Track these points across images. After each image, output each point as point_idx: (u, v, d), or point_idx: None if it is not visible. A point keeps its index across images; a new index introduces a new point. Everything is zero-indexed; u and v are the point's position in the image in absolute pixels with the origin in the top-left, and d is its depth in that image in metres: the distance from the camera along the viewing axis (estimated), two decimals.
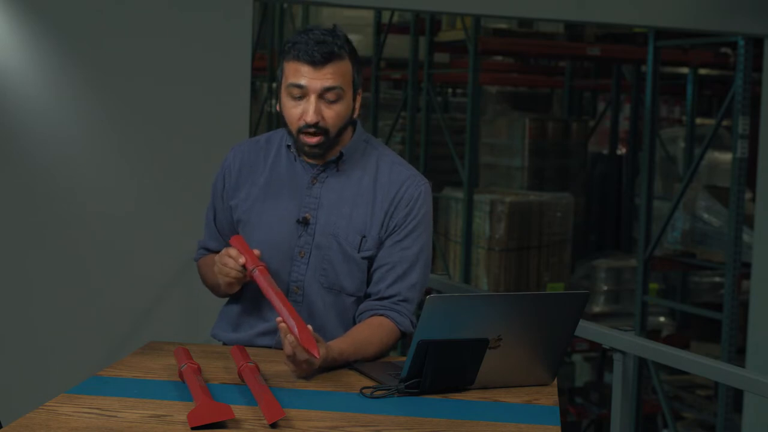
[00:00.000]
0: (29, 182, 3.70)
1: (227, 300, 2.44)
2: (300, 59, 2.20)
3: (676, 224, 6.23)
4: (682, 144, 7.22)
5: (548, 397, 2.00)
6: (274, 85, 7.86)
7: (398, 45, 7.22)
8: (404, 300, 2.28)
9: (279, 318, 2.03)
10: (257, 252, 2.20)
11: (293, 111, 2.24)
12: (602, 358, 7.12)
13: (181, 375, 1.97)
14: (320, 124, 2.22)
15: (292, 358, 2.01)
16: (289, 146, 2.34)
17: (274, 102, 7.92)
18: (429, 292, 2.81)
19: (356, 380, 2.06)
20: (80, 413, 1.78)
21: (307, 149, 2.26)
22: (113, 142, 3.79)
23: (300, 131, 2.24)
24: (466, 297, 1.98)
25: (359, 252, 2.28)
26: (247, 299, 2.35)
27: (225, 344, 2.39)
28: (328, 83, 2.20)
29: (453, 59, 7.70)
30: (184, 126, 3.84)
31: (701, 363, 2.74)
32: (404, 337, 2.32)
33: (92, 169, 3.76)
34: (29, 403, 1.91)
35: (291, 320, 2.02)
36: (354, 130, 2.34)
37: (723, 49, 6.69)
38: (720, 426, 5.18)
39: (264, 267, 2.18)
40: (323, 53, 2.19)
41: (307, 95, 2.21)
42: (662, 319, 7.02)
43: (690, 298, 7.15)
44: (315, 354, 1.98)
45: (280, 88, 2.27)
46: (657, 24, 5.02)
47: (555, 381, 2.09)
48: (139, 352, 2.24)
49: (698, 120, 7.31)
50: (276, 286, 2.14)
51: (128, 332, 3.77)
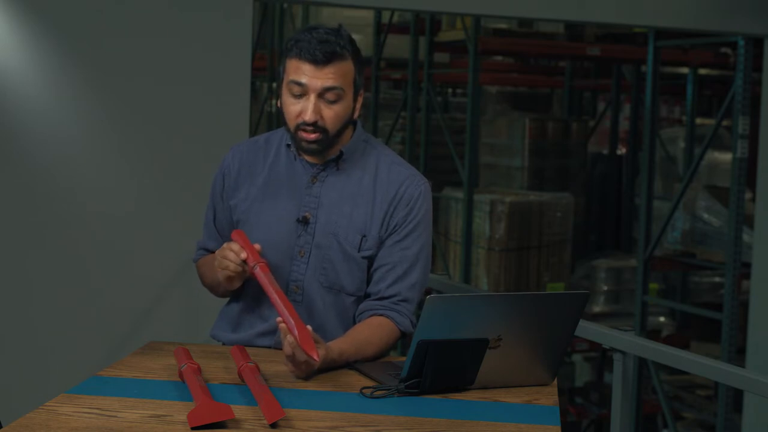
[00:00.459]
0: (29, 182, 3.70)
1: (227, 300, 2.44)
2: (302, 57, 2.20)
3: (676, 224, 6.23)
4: (682, 144, 7.22)
5: (548, 397, 2.00)
6: (274, 85, 7.86)
7: (398, 45, 7.22)
8: (404, 300, 2.28)
9: (279, 318, 2.03)
10: (258, 247, 2.20)
11: (292, 108, 2.24)
12: (602, 358, 7.12)
13: (181, 375, 1.97)
14: (318, 123, 2.22)
15: (292, 359, 2.01)
16: (289, 145, 2.34)
17: (274, 102, 7.92)
18: (429, 292, 2.81)
19: (356, 380, 2.06)
20: (80, 413, 1.78)
21: (305, 145, 2.26)
22: (113, 142, 3.79)
23: (298, 128, 2.24)
24: (466, 297, 1.98)
25: (359, 251, 2.27)
26: (247, 299, 2.35)
27: (225, 345, 2.38)
28: (329, 83, 2.20)
29: (453, 59, 7.70)
30: (184, 126, 3.85)
31: (701, 363, 2.74)
32: (404, 337, 2.32)
33: (92, 169, 3.76)
34: (29, 403, 1.91)
35: (291, 320, 2.02)
36: (354, 130, 2.34)
37: (723, 49, 6.69)
38: (720, 426, 5.18)
39: (265, 264, 2.17)
40: (325, 53, 2.19)
41: (307, 93, 2.21)
42: (662, 319, 7.02)
43: (690, 298, 7.15)
44: (314, 356, 1.98)
45: (281, 85, 2.27)
46: (657, 24, 5.02)
47: (555, 381, 2.09)
48: (139, 352, 2.24)
49: (698, 120, 7.31)
50: (277, 285, 2.13)
51: (128, 332, 3.77)
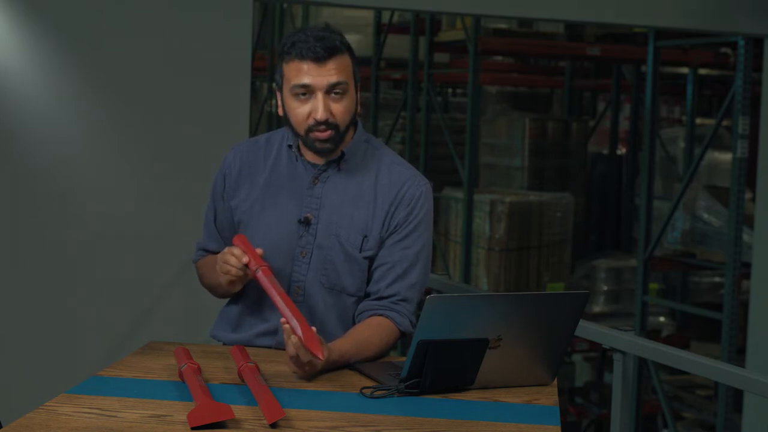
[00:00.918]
0: (29, 182, 3.70)
1: (227, 300, 2.44)
2: (303, 57, 2.19)
3: (676, 224, 6.23)
4: (682, 144, 7.22)
5: (548, 397, 2.00)
6: (274, 86, 7.86)
7: (398, 45, 7.22)
8: (403, 300, 2.28)
9: (283, 319, 2.03)
10: (260, 251, 2.20)
11: (300, 111, 2.23)
12: (602, 358, 7.12)
13: (181, 375, 1.97)
14: (330, 121, 2.22)
15: (295, 360, 2.00)
16: (290, 146, 2.33)
17: (274, 102, 7.92)
18: (429, 292, 2.80)
19: (356, 380, 2.06)
20: (80, 413, 1.78)
21: (319, 145, 2.25)
22: (113, 142, 3.78)
23: (310, 129, 2.23)
24: (466, 297, 1.98)
25: (361, 252, 2.27)
26: (247, 300, 2.35)
27: (225, 345, 2.38)
28: (333, 79, 2.20)
29: (453, 59, 7.70)
30: (184, 126, 3.84)
31: (701, 363, 2.74)
32: (404, 337, 2.32)
33: (92, 169, 3.76)
34: (29, 403, 1.91)
35: (294, 321, 2.01)
36: (355, 131, 2.34)
37: (723, 49, 6.69)
38: (720, 426, 5.18)
39: (267, 267, 2.17)
40: (325, 48, 2.19)
41: (314, 93, 2.21)
42: (662, 319, 7.02)
43: (690, 298, 7.15)
44: (319, 355, 1.97)
45: (281, 92, 2.26)
46: (657, 24, 5.02)
47: (555, 381, 2.09)
48: (139, 352, 2.24)
49: (698, 120, 7.31)
50: (279, 287, 2.13)
51: (128, 332, 3.77)
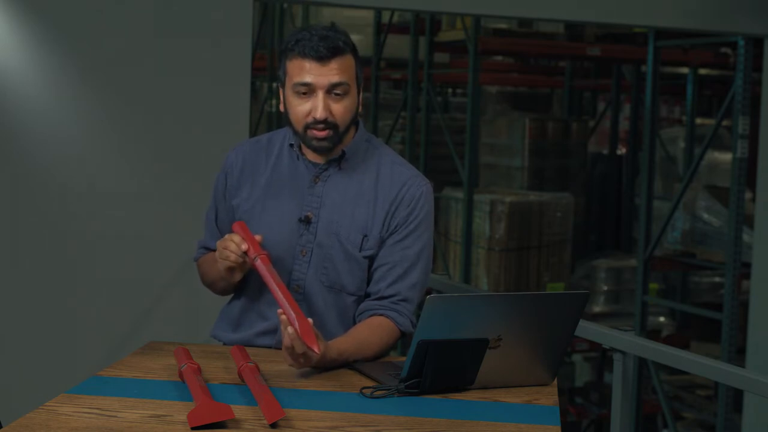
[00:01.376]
0: (29, 182, 3.70)
1: (228, 300, 2.44)
2: (305, 56, 2.20)
3: (676, 224, 6.23)
4: (682, 144, 7.22)
5: (548, 397, 2.00)
6: (275, 85, 7.86)
7: (398, 45, 7.22)
8: (404, 300, 2.28)
9: (280, 310, 2.02)
10: (259, 238, 2.19)
11: (300, 108, 2.23)
12: (602, 358, 7.12)
13: (181, 375, 1.97)
14: (329, 120, 2.22)
15: (290, 351, 1.99)
16: (292, 145, 2.34)
17: (275, 102, 7.92)
18: (429, 292, 2.80)
19: (356, 380, 2.06)
20: (80, 413, 1.78)
21: (316, 143, 2.25)
22: (113, 142, 3.79)
23: (308, 127, 2.24)
24: (466, 297, 1.98)
25: (360, 251, 2.27)
26: (248, 299, 2.35)
27: (225, 344, 2.38)
28: (335, 79, 2.20)
29: (453, 59, 7.70)
30: (184, 126, 3.84)
31: (701, 363, 2.74)
32: (404, 337, 2.32)
33: (92, 169, 3.76)
34: (29, 403, 1.91)
35: (291, 312, 2.01)
36: (356, 130, 2.34)
37: (723, 49, 6.69)
38: (720, 426, 5.18)
39: (266, 255, 2.16)
40: (329, 47, 2.19)
41: (315, 92, 2.21)
42: (662, 319, 7.02)
43: (690, 298, 7.15)
44: (314, 348, 1.97)
45: (283, 89, 2.27)
46: (657, 24, 5.02)
47: (555, 381, 2.09)
48: (139, 352, 2.23)
49: (698, 120, 7.31)
50: (278, 277, 2.13)
51: (128, 332, 3.77)
